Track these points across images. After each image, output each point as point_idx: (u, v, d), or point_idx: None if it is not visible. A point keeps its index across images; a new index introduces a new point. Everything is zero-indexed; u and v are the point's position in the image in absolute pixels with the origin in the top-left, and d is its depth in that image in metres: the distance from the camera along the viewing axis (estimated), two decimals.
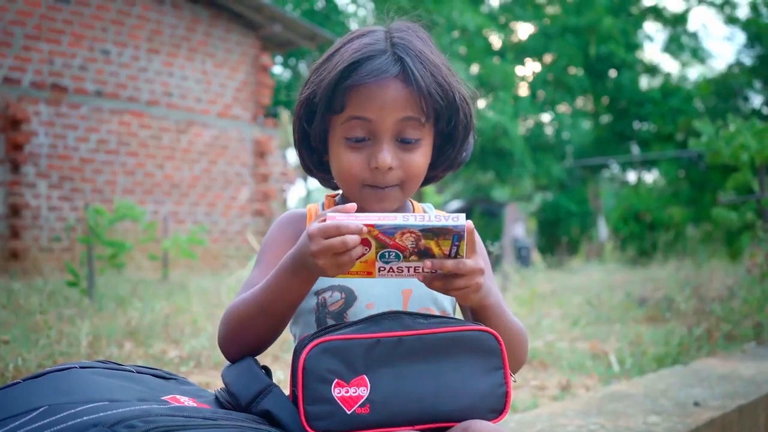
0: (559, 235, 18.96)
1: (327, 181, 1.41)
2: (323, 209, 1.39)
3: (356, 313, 1.28)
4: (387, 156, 1.25)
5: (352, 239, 1.08)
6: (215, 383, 2.83)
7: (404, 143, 1.27)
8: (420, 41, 1.30)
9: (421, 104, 1.25)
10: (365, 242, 1.11)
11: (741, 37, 21.63)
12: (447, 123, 1.30)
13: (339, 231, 1.09)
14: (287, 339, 2.92)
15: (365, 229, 1.09)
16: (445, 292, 1.16)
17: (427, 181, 1.38)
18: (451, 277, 1.14)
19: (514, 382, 1.21)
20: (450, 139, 1.34)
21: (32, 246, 8.67)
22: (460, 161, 1.38)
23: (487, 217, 18.82)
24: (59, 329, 3.64)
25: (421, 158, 1.29)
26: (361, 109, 1.24)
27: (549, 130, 22.01)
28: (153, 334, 3.92)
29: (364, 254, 1.11)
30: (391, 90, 1.24)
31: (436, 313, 1.31)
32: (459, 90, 1.30)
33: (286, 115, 12.43)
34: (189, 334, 3.96)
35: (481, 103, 20.18)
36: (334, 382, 1.11)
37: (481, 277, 1.16)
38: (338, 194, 1.42)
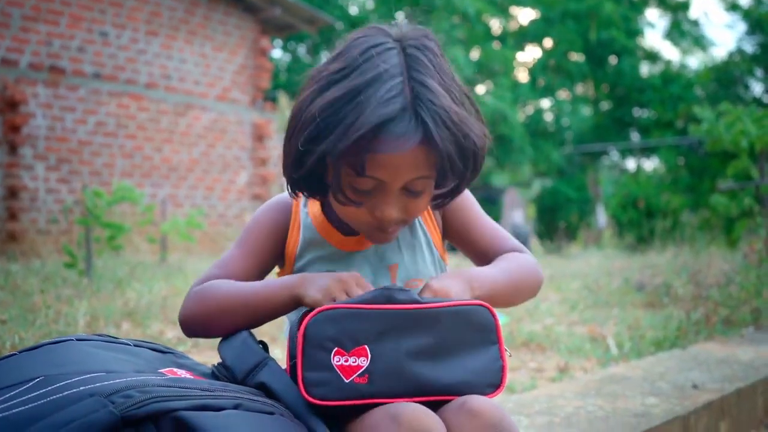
0: (557, 222, 18.97)
1: (314, 197, 1.33)
2: (307, 205, 1.38)
3: None
4: (393, 211, 1.22)
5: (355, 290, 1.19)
6: (213, 362, 2.82)
7: (409, 192, 1.23)
8: (437, 74, 1.19)
9: (436, 165, 1.19)
10: None
11: (742, 25, 21.53)
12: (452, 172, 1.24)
13: (358, 283, 1.21)
14: (285, 320, 2.92)
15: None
16: None
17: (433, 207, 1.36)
18: None
19: (509, 356, 1.21)
20: (459, 184, 1.28)
21: (30, 228, 8.66)
22: (450, 196, 1.32)
23: (486, 203, 18.82)
24: (57, 309, 3.63)
25: (424, 203, 1.26)
26: (376, 170, 1.17)
27: (548, 117, 22.00)
28: (150, 314, 3.92)
29: None
30: (409, 156, 1.16)
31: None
32: (475, 136, 1.20)
33: (284, 99, 12.41)
34: None
35: (481, 89, 20.13)
36: (334, 350, 1.11)
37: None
38: None
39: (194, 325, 1.30)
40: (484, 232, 1.41)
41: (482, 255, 1.43)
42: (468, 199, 1.43)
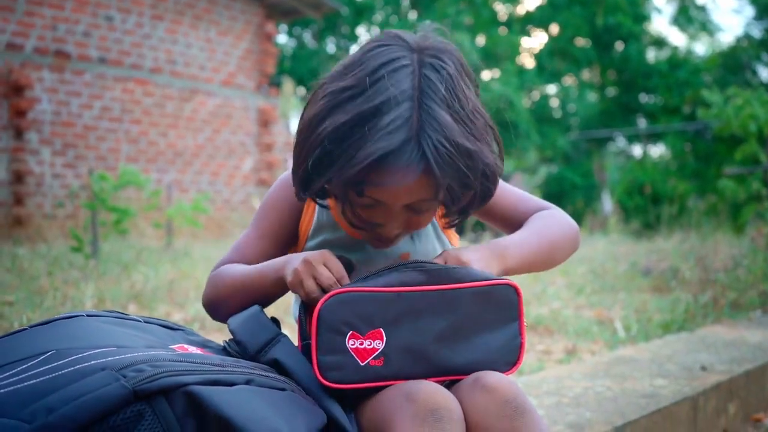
0: (563, 207, 18.86)
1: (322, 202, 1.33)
2: None
3: None
4: (394, 229, 1.22)
5: (327, 279, 1.16)
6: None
7: (412, 210, 1.21)
8: (452, 100, 1.14)
9: (436, 192, 1.16)
10: None
11: (750, 9, 21.39)
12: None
13: (337, 272, 1.19)
14: (290, 303, 2.91)
15: (336, 287, 1.17)
16: None
17: (445, 225, 1.33)
18: None
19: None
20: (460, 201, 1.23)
21: (36, 213, 8.67)
22: (461, 217, 1.29)
23: None
24: (63, 292, 3.64)
25: (428, 218, 1.24)
26: (378, 194, 1.16)
27: (554, 102, 21.90)
28: (157, 297, 3.92)
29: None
30: (410, 183, 1.13)
31: None
32: (484, 166, 1.16)
33: (290, 85, 12.37)
34: (193, 297, 3.96)
35: (486, 75, 20.05)
36: (349, 333, 1.10)
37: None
38: None
39: (212, 309, 1.35)
40: (506, 201, 1.39)
41: (510, 223, 1.41)
42: None
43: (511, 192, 1.40)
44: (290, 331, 3.06)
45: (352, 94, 1.13)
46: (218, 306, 1.33)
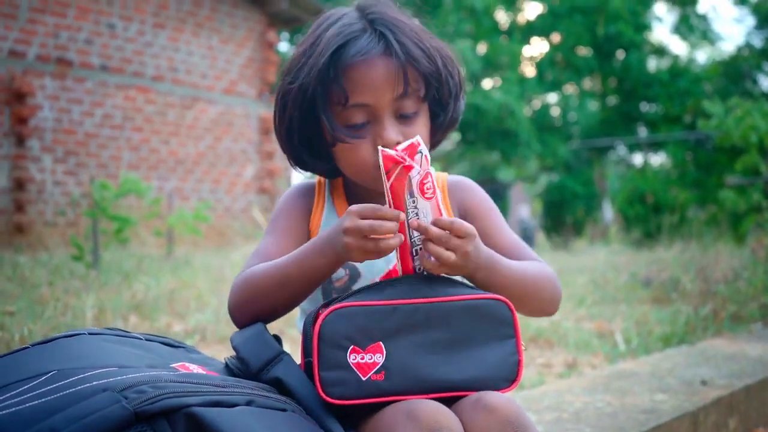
0: (564, 217, 18.93)
1: (323, 170, 1.39)
2: (331, 185, 1.42)
3: None
4: (391, 133, 1.27)
5: (382, 226, 1.10)
6: (220, 357, 2.82)
7: (403, 118, 1.29)
8: (392, 10, 1.32)
9: (411, 77, 1.27)
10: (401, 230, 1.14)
11: (751, 19, 21.43)
12: (436, 89, 1.32)
13: (374, 214, 1.11)
14: (294, 314, 2.91)
15: (402, 216, 1.12)
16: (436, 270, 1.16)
17: (433, 145, 1.40)
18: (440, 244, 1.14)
19: (525, 350, 1.20)
20: (441, 102, 1.35)
21: (37, 220, 8.68)
22: (456, 119, 1.39)
23: (493, 198, 18.68)
24: (64, 302, 3.64)
25: (422, 128, 1.31)
26: (358, 95, 1.26)
27: (555, 111, 21.92)
28: (158, 308, 3.92)
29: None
30: (381, 69, 1.25)
31: None
32: (441, 51, 1.31)
33: None
34: (194, 308, 3.96)
35: (488, 83, 20.08)
36: (350, 348, 1.11)
37: (471, 244, 1.15)
38: None
39: (240, 314, 1.28)
40: (504, 241, 1.37)
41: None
42: (490, 208, 1.42)
43: (510, 236, 1.39)
44: (292, 343, 3.06)
45: (310, 43, 1.30)
46: (253, 306, 1.26)
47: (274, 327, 3.44)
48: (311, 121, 1.31)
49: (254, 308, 1.26)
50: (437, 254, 1.14)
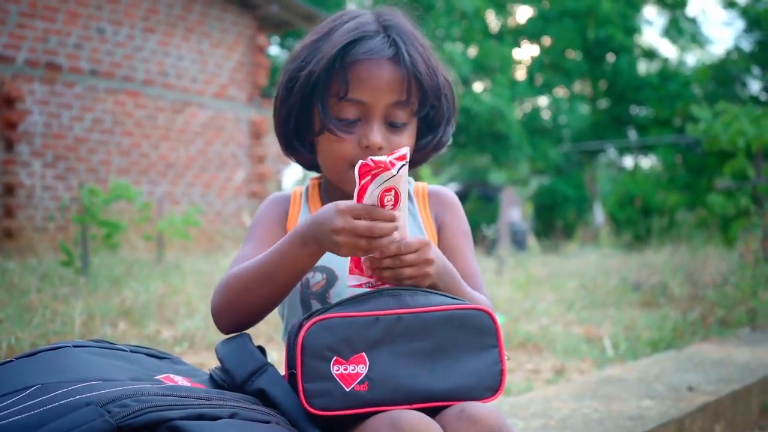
0: (554, 220, 18.99)
1: (305, 160, 1.42)
2: (307, 193, 1.44)
3: (338, 292, 1.31)
4: (378, 135, 1.29)
5: (382, 228, 1.11)
6: (209, 364, 2.82)
7: (392, 126, 1.32)
8: (406, 23, 1.35)
9: (410, 88, 1.30)
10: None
11: (740, 22, 21.53)
12: (431, 108, 1.35)
13: (368, 214, 1.11)
14: (277, 323, 2.92)
15: (399, 223, 1.13)
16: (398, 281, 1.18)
17: (413, 163, 1.39)
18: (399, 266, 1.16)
19: (508, 360, 1.21)
20: (433, 124, 1.38)
21: (26, 225, 8.64)
22: (443, 143, 1.42)
23: (484, 200, 18.83)
24: (53, 308, 3.63)
25: (408, 141, 1.34)
26: (357, 91, 1.29)
27: (546, 114, 21.98)
28: (147, 314, 3.91)
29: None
30: (385, 72, 1.29)
31: None
32: (444, 74, 1.36)
33: None
34: (183, 314, 3.96)
35: (478, 86, 20.12)
36: (333, 359, 1.11)
37: (431, 266, 1.19)
38: (321, 176, 1.46)
39: (222, 316, 1.27)
40: (466, 266, 1.39)
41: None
42: (465, 233, 1.44)
43: (474, 267, 1.41)
44: (280, 351, 3.06)
45: (323, 33, 1.33)
46: (228, 309, 1.25)
47: (262, 333, 3.45)
48: (307, 108, 1.34)
49: (236, 309, 1.25)
50: (399, 274, 1.17)
